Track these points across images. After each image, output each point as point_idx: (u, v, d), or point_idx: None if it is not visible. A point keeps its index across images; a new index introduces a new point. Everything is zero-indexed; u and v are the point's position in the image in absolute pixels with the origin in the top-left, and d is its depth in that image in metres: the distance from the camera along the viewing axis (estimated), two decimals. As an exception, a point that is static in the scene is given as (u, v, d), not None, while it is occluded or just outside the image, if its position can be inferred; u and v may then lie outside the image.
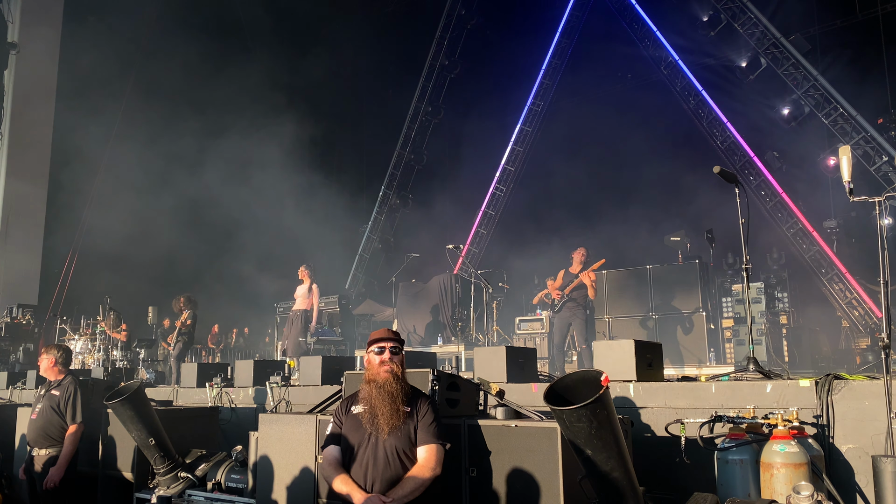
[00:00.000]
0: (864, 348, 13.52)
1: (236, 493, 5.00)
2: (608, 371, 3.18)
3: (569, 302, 10.34)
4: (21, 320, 15.23)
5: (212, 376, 7.15)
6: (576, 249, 10.70)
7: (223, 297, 17.66)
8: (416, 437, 3.50)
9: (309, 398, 5.94)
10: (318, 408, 4.71)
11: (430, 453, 3.47)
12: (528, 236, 17.01)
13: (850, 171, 4.26)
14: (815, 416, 3.90)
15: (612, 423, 2.92)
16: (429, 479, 3.41)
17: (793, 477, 3.34)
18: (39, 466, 5.49)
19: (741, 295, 13.00)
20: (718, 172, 5.16)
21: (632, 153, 17.46)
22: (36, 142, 18.20)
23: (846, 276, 14.07)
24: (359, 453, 3.53)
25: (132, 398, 5.12)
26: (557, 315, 10.51)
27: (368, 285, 20.45)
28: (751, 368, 4.69)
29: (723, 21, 15.67)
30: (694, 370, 10.05)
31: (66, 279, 18.05)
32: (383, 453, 3.46)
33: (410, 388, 3.66)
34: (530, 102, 19.47)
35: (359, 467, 3.50)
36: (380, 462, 3.46)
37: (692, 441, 3.84)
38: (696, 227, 14.45)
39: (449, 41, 20.25)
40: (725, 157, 15.79)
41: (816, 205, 15.02)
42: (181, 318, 11.45)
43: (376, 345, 3.68)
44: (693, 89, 16.57)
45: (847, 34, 15.52)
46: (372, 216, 20.75)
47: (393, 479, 3.42)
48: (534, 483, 3.46)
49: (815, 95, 14.49)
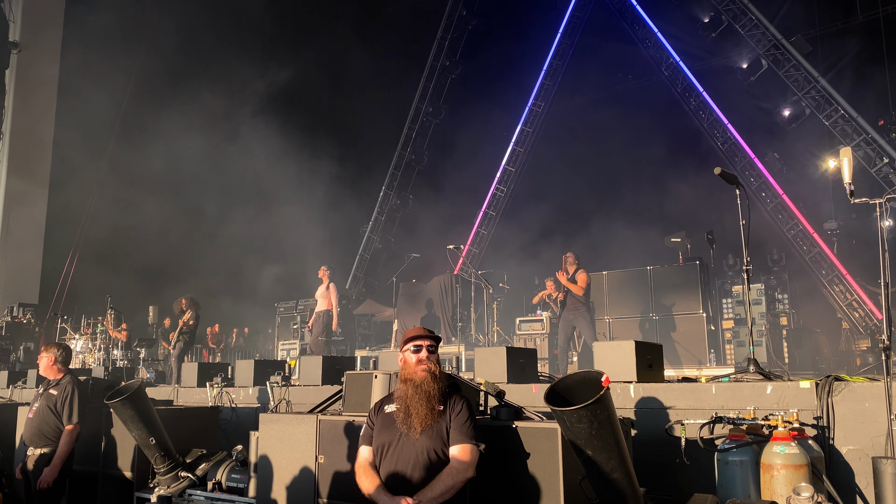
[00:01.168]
0: (865, 350, 13.52)
1: (237, 493, 5.00)
2: (609, 372, 3.18)
3: (570, 305, 10.42)
4: (22, 319, 15.26)
5: (212, 376, 7.16)
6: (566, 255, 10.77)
7: (224, 296, 17.67)
8: (449, 436, 3.39)
9: (309, 398, 5.94)
10: (319, 408, 4.71)
11: (464, 454, 3.32)
12: (528, 237, 17.01)
13: (851, 172, 4.26)
14: (815, 418, 3.90)
15: (612, 424, 2.92)
16: (461, 482, 3.28)
17: (793, 478, 3.34)
18: (32, 465, 5.45)
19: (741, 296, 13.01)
20: (719, 174, 5.17)
21: (632, 154, 17.47)
22: (37, 140, 18.22)
23: (846, 277, 14.07)
24: (389, 451, 3.43)
25: (133, 397, 5.12)
26: (560, 320, 10.63)
27: (369, 285, 20.46)
28: (751, 370, 4.69)
29: (724, 22, 15.68)
30: (694, 371, 10.04)
31: (66, 278, 18.06)
32: (415, 452, 3.36)
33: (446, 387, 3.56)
34: (531, 103, 19.47)
35: (389, 466, 3.41)
36: (410, 461, 3.35)
37: (692, 442, 3.84)
38: (696, 228, 14.46)
39: (450, 42, 20.25)
40: (726, 158, 15.79)
41: (817, 206, 15.03)
42: (184, 317, 11.50)
43: (412, 343, 3.55)
44: (694, 90, 16.57)
45: (848, 36, 15.53)
46: (372, 216, 20.76)
47: (424, 478, 3.31)
48: (534, 484, 3.46)
49: (816, 97, 14.49)
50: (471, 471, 3.32)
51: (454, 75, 20.48)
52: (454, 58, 20.36)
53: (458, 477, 3.28)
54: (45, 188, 18.25)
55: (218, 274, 17.87)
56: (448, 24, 20.21)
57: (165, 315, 15.85)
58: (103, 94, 17.40)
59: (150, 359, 13.88)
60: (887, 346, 3.82)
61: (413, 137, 20.65)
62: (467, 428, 3.39)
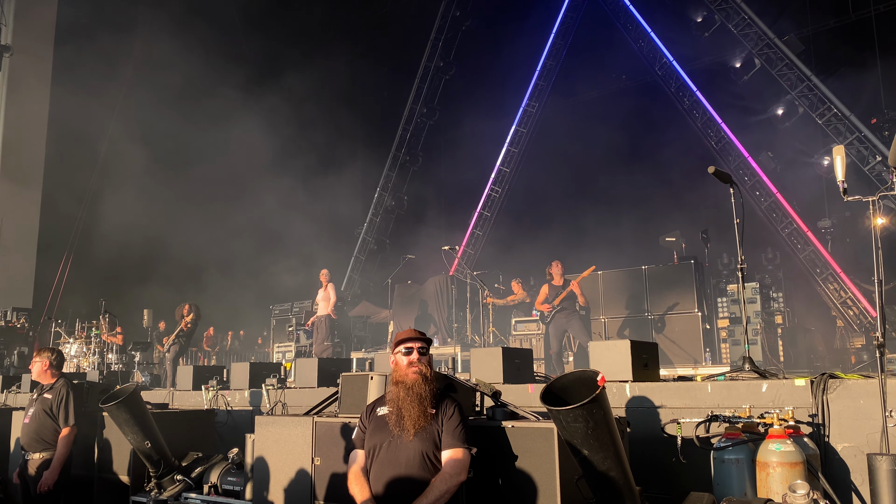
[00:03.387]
0: (859, 347, 13.57)
1: (233, 496, 4.99)
2: (604, 371, 3.19)
3: (560, 311, 10.46)
4: (15, 323, 15.18)
5: (207, 379, 7.14)
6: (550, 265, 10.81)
7: (218, 299, 17.62)
8: (441, 439, 3.39)
9: (305, 400, 5.93)
10: (315, 410, 4.70)
11: (456, 458, 3.34)
12: (523, 237, 17.02)
13: (844, 170, 4.27)
14: (810, 416, 3.92)
15: (608, 424, 2.92)
16: (454, 487, 3.29)
17: (789, 476, 3.35)
18: (33, 470, 5.47)
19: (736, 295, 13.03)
20: (713, 173, 5.18)
21: (626, 154, 17.50)
22: (30, 144, 18.14)
23: (841, 275, 14.11)
24: (381, 454, 3.44)
25: (128, 401, 5.11)
26: (551, 324, 10.61)
27: (364, 287, 20.42)
28: (746, 368, 4.70)
29: (716, 22, 15.72)
30: (690, 370, 10.05)
31: (60, 282, 17.98)
32: (407, 455, 3.36)
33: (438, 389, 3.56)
34: (525, 104, 19.48)
35: (381, 468, 3.41)
36: (402, 463, 3.36)
37: (688, 441, 3.84)
38: (691, 227, 14.49)
39: (444, 43, 20.25)
40: (720, 157, 15.83)
41: (811, 205, 15.07)
42: (185, 318, 11.50)
43: (403, 345, 3.57)
44: (687, 90, 16.60)
45: (840, 34, 15.59)
46: (367, 217, 20.73)
47: (416, 481, 3.31)
48: (531, 483, 3.46)
49: (809, 96, 14.54)
50: (463, 475, 3.33)
51: (448, 76, 20.47)
52: (448, 59, 20.35)
53: (450, 482, 3.28)
54: (38, 192, 18.16)
55: (213, 277, 17.83)
56: (442, 25, 20.21)
57: (160, 318, 15.80)
58: (95, 98, 17.34)
59: (144, 362, 13.82)
60: (882, 343, 3.84)
61: (407, 138, 20.64)
62: (459, 432, 3.39)
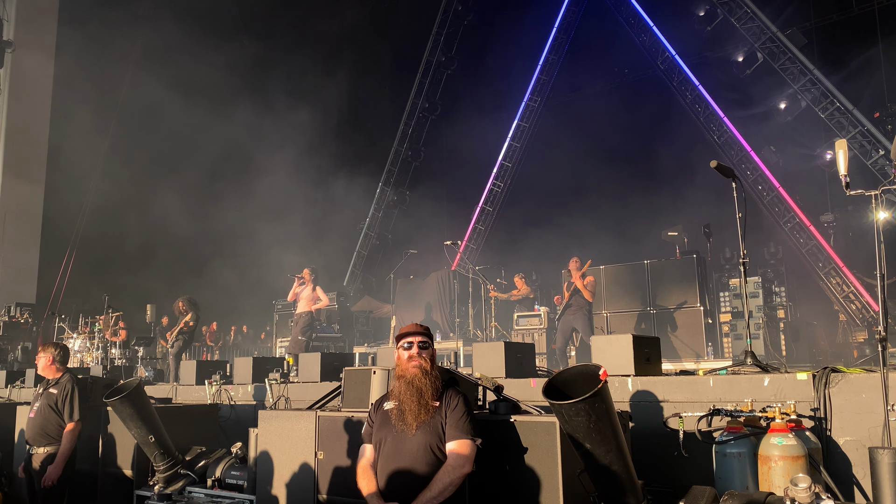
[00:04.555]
0: (862, 342, 13.55)
1: (236, 490, 5.01)
2: (607, 366, 3.20)
3: (570, 307, 10.62)
4: (19, 319, 15.23)
5: (211, 373, 7.15)
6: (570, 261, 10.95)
7: (222, 294, 17.64)
8: (445, 431, 3.39)
9: (308, 395, 5.95)
10: (318, 404, 4.72)
11: (461, 450, 3.33)
12: (525, 232, 17.01)
13: (847, 164, 4.26)
14: (812, 409, 3.92)
15: (610, 417, 2.93)
16: (458, 479, 3.28)
17: (790, 469, 3.36)
18: (38, 464, 5.49)
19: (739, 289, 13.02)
20: (715, 167, 5.16)
21: (628, 148, 17.48)
22: (32, 140, 18.16)
23: (843, 269, 14.10)
24: (387, 448, 3.46)
25: (131, 396, 5.12)
26: (560, 320, 10.82)
27: (366, 282, 20.46)
28: (748, 362, 4.71)
29: (719, 16, 15.68)
30: (692, 364, 10.08)
31: (63, 277, 18.02)
32: (412, 449, 3.37)
33: (441, 382, 3.56)
34: (527, 98, 19.46)
35: (387, 462, 3.43)
36: (407, 457, 3.36)
37: (690, 434, 3.85)
38: (693, 221, 14.47)
39: (445, 37, 20.22)
40: (722, 151, 15.80)
41: (813, 199, 15.05)
42: (185, 318, 11.47)
43: (404, 340, 3.58)
44: (690, 84, 16.57)
45: (843, 28, 15.53)
46: (369, 213, 20.74)
47: (422, 473, 3.32)
48: (533, 477, 3.47)
49: (812, 90, 14.50)
50: (468, 466, 3.32)
51: (450, 71, 20.45)
52: (450, 53, 20.33)
53: (454, 474, 3.28)
54: (41, 187, 18.19)
55: (216, 272, 17.84)
56: (443, 20, 20.18)
57: (163, 313, 15.83)
58: (98, 92, 17.34)
59: (148, 357, 13.85)
60: (884, 337, 3.83)
61: (409, 133, 20.63)
62: (463, 423, 3.39)
